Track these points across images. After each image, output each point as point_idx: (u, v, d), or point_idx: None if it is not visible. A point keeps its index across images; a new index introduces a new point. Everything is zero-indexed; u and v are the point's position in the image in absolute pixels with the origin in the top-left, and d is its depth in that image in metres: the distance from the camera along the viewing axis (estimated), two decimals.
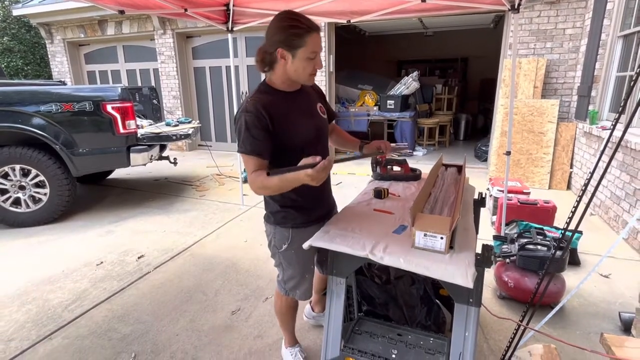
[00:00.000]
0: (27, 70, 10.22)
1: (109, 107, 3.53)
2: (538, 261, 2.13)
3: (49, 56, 8.41)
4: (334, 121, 1.73)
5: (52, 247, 3.22)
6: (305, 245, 1.32)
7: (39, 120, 3.47)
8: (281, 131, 1.34)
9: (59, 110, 3.48)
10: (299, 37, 1.26)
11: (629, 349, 1.23)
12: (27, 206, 3.68)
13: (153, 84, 7.70)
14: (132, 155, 3.76)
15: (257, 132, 1.29)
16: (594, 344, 1.83)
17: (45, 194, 3.67)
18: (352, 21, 3.45)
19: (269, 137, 1.32)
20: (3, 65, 9.36)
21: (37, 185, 3.67)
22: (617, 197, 3.32)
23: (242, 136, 1.30)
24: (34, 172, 3.61)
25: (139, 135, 3.86)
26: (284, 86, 1.40)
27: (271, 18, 1.39)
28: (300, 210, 1.49)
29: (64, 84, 5.51)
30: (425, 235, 1.22)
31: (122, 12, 2.71)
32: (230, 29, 3.62)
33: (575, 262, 2.71)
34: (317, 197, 1.55)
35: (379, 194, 1.73)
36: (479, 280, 1.20)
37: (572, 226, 1.61)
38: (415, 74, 7.09)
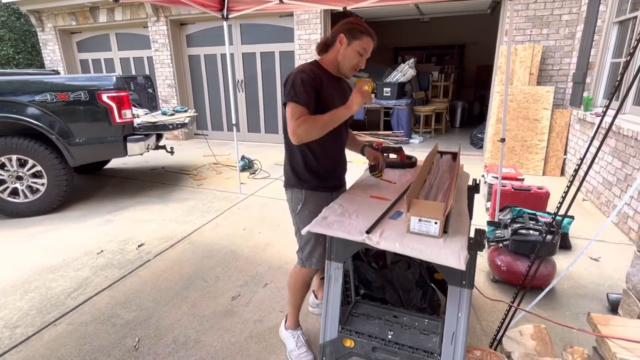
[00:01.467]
0: (18, 59, 10.03)
1: (104, 97, 3.51)
2: (530, 245, 2.19)
3: (40, 44, 8.27)
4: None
5: (51, 236, 3.25)
6: (304, 231, 1.36)
7: (34, 110, 3.45)
8: (324, 99, 1.53)
9: (54, 100, 3.46)
10: (359, 32, 1.54)
11: (614, 327, 1.29)
12: (25, 196, 3.68)
13: (147, 72, 7.62)
14: (129, 144, 3.75)
15: (309, 89, 1.48)
16: (582, 324, 1.89)
17: (42, 184, 3.68)
18: (348, 8, 3.43)
19: (315, 97, 1.50)
20: None
21: (34, 175, 3.67)
22: (609, 182, 3.38)
23: (297, 89, 1.46)
24: (30, 162, 3.60)
25: (135, 124, 3.85)
26: (331, 69, 1.62)
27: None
28: (315, 176, 1.64)
29: (57, 73, 5.44)
30: (420, 220, 1.26)
31: (116, 0, 2.68)
32: (225, 16, 3.59)
33: (566, 246, 2.78)
34: (332, 169, 1.72)
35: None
36: (471, 263, 1.24)
37: (562, 211, 1.66)
38: (411, 61, 7.05)
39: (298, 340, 1.81)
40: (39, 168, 3.62)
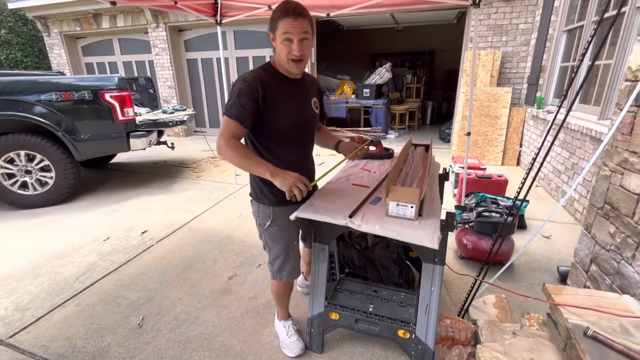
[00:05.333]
0: (26, 62, 9.54)
1: (107, 96, 3.35)
2: (492, 226, 2.20)
3: (47, 49, 7.85)
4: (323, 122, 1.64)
5: (60, 225, 3.11)
6: (292, 217, 1.31)
7: (40, 109, 3.26)
8: (270, 109, 1.28)
9: (59, 99, 3.27)
10: (274, 21, 1.23)
11: (565, 296, 1.30)
12: (34, 189, 3.51)
13: (149, 74, 7.34)
14: (131, 140, 3.60)
15: (246, 101, 1.24)
16: (538, 294, 1.92)
17: (51, 178, 3.50)
18: (331, 15, 3.33)
19: (256, 110, 1.26)
20: (2, 58, 8.69)
21: (42, 169, 3.49)
22: (558, 171, 3.44)
23: (232, 101, 1.24)
24: (38, 157, 3.42)
25: (137, 122, 3.70)
26: (283, 70, 1.33)
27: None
28: (277, 190, 1.27)
29: (62, 74, 5.17)
30: (397, 205, 1.22)
31: (113, 3, 2.53)
32: (218, 21, 3.45)
33: (522, 226, 2.82)
34: None
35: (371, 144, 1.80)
36: (443, 242, 1.22)
37: (520, 196, 1.66)
38: (387, 65, 7.01)
39: (289, 330, 1.67)
40: (46, 162, 3.45)
